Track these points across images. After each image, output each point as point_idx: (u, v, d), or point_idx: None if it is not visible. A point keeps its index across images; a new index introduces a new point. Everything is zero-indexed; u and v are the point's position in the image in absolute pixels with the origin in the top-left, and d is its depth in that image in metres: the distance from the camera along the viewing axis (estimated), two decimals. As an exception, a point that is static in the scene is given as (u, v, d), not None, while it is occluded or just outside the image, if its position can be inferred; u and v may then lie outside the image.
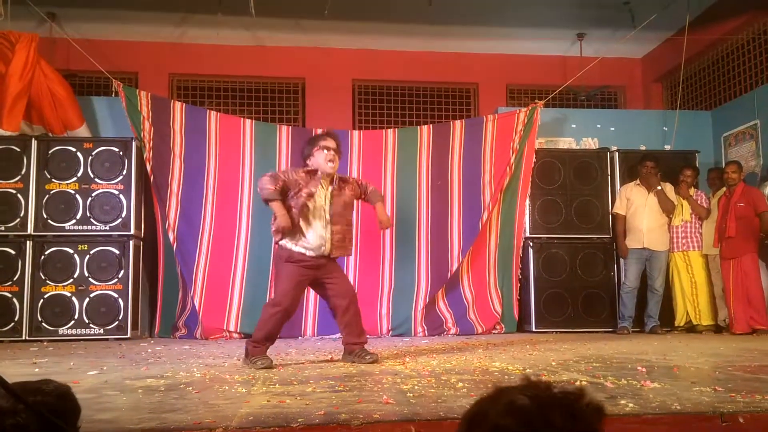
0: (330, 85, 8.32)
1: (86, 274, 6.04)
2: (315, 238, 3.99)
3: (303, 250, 3.99)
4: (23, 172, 6.11)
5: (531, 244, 6.86)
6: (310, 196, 4.00)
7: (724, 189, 6.75)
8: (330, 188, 4.10)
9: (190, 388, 2.92)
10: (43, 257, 6.02)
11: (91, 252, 6.07)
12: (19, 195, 6.08)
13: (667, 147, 7.49)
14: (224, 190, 6.60)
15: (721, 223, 6.39)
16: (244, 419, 2.12)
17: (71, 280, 6.03)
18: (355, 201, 4.33)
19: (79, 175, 6.15)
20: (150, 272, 6.61)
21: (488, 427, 0.93)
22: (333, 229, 4.03)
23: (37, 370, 3.76)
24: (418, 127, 7.16)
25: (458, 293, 6.80)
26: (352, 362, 3.98)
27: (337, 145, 4.13)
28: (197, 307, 6.31)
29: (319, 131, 6.79)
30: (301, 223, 3.98)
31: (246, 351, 3.95)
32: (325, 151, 4.05)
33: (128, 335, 5.99)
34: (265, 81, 8.43)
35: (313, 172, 4.09)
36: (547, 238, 6.90)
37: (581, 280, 6.83)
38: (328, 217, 4.03)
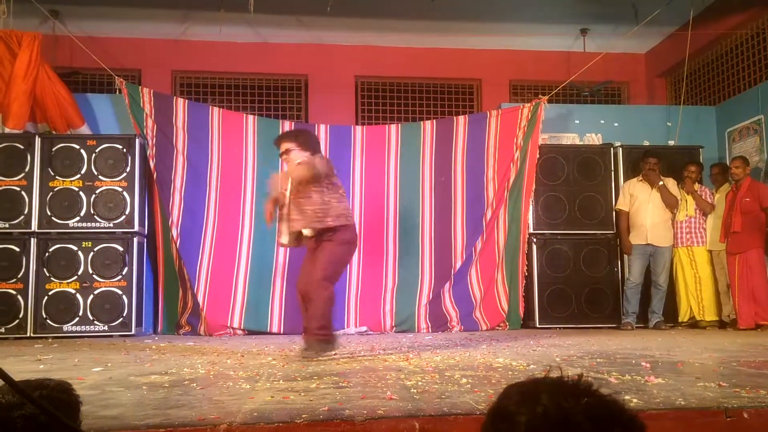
0: (333, 82, 8.30)
1: (90, 270, 6.05)
2: None
3: None
4: (27, 169, 6.11)
5: (534, 240, 6.84)
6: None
7: (727, 184, 6.74)
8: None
9: (195, 384, 2.92)
10: (47, 254, 6.03)
11: (95, 249, 6.08)
12: (23, 192, 6.08)
13: (671, 142, 7.47)
14: (227, 186, 6.60)
15: (727, 218, 6.37)
16: (248, 415, 2.12)
17: (75, 277, 6.04)
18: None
19: (82, 172, 6.15)
20: (153, 269, 6.62)
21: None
22: None
23: (41, 366, 3.77)
24: (421, 122, 7.15)
25: (466, 290, 6.77)
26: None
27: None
28: (201, 304, 6.32)
29: (322, 127, 6.85)
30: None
31: (322, 342, 3.98)
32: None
33: (132, 332, 6.01)
34: (268, 78, 8.41)
35: None
36: (551, 234, 6.88)
37: (585, 276, 6.82)
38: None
